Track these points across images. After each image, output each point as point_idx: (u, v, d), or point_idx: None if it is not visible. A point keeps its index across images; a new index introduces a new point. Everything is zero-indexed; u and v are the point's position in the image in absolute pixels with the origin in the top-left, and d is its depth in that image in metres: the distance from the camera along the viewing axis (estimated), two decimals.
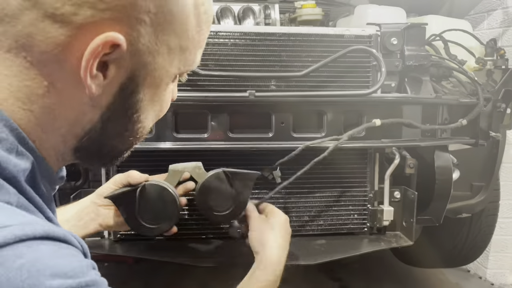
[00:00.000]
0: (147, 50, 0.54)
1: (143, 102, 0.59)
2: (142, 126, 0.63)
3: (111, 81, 0.54)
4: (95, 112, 0.56)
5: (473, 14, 2.41)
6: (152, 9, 0.52)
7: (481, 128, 1.45)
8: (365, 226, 1.48)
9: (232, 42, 1.33)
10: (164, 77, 0.59)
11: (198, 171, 1.14)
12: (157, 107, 0.63)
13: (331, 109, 1.31)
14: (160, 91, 0.61)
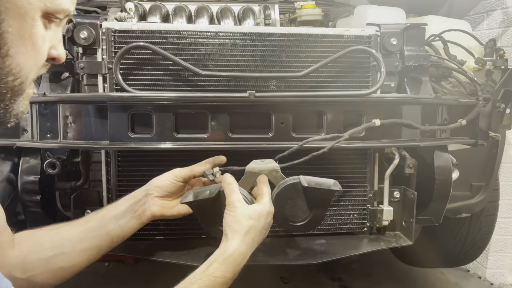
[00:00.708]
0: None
1: (9, 34, 0.63)
2: (14, 61, 0.65)
3: None
4: None
5: (473, 15, 2.41)
6: None
7: (481, 128, 1.45)
8: (365, 226, 1.48)
9: (232, 43, 1.33)
10: (27, 7, 0.63)
11: (275, 175, 1.12)
12: (29, 46, 0.66)
13: (330, 109, 1.31)
14: (27, 26, 0.64)
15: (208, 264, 0.94)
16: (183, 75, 1.32)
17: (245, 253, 0.99)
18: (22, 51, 0.65)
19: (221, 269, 0.93)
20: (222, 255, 0.96)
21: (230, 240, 0.98)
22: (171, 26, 1.39)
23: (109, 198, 1.36)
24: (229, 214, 1.01)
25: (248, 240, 0.99)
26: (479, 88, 1.44)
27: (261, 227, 1.02)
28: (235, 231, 0.99)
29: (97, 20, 1.28)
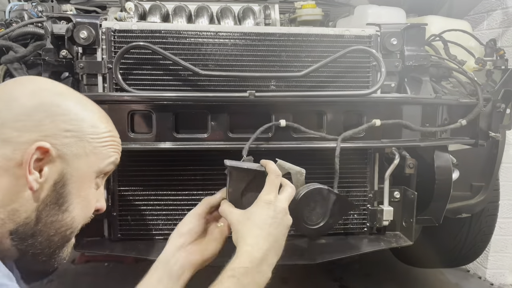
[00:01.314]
0: (71, 153, 0.81)
1: (71, 195, 0.82)
2: (71, 215, 0.83)
3: (46, 178, 0.78)
4: (31, 205, 0.78)
5: (473, 15, 2.41)
6: (71, 129, 0.82)
7: (481, 128, 1.45)
8: (365, 226, 1.48)
9: (232, 42, 1.33)
10: (86, 174, 0.84)
11: (299, 177, 1.11)
12: (84, 202, 0.85)
13: (331, 109, 1.31)
14: (85, 186, 0.84)
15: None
16: (183, 75, 1.32)
17: (258, 245, 0.93)
18: (78, 207, 0.84)
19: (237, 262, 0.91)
20: (236, 256, 0.92)
21: (240, 244, 0.94)
22: (171, 26, 1.39)
23: (109, 198, 1.36)
24: (232, 224, 0.98)
25: (257, 233, 0.95)
26: (480, 88, 1.44)
27: (264, 220, 0.96)
28: (239, 235, 0.96)
29: (97, 20, 1.28)
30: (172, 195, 1.37)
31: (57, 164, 0.79)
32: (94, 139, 0.85)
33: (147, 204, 1.38)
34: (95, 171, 0.86)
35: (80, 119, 0.84)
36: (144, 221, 1.39)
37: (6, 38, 1.39)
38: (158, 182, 1.36)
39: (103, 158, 0.87)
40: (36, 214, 0.78)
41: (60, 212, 0.81)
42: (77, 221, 0.85)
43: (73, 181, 0.81)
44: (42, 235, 0.80)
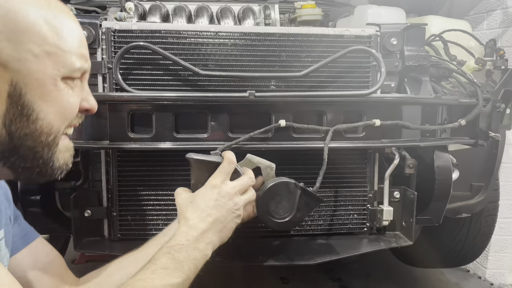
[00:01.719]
0: (13, 59, 0.70)
1: (35, 103, 0.73)
2: (44, 122, 0.75)
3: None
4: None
5: (473, 15, 2.41)
6: (2, 29, 0.69)
7: (481, 128, 1.45)
8: (365, 226, 1.48)
9: (232, 42, 1.33)
10: (43, 78, 0.73)
11: (269, 171, 1.14)
12: (56, 105, 0.76)
13: (331, 109, 1.31)
14: (48, 91, 0.74)
15: None
16: (183, 75, 1.32)
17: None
18: (51, 111, 0.75)
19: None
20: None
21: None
22: (171, 26, 1.38)
23: (109, 198, 1.36)
24: None
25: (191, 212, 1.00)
26: (479, 89, 1.43)
27: (205, 201, 1.00)
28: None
29: (96, 20, 1.28)
30: (172, 195, 1.36)
31: (3, 74, 0.70)
32: (39, 35, 0.73)
33: (147, 204, 1.38)
34: (55, 75, 0.75)
35: (13, 14, 0.71)
36: (144, 221, 1.39)
37: None
38: (158, 182, 1.36)
39: (63, 62, 0.76)
40: (6, 130, 0.73)
41: (31, 122, 0.74)
42: (55, 126, 0.78)
43: (30, 88, 0.72)
44: (23, 147, 0.75)
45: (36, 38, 0.72)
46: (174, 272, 0.86)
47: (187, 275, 0.88)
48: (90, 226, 1.38)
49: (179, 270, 0.87)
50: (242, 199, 1.03)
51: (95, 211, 1.36)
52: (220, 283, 1.02)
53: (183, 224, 0.96)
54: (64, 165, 0.83)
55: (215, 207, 0.98)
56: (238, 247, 1.10)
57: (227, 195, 1.00)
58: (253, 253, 1.36)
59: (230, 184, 1.02)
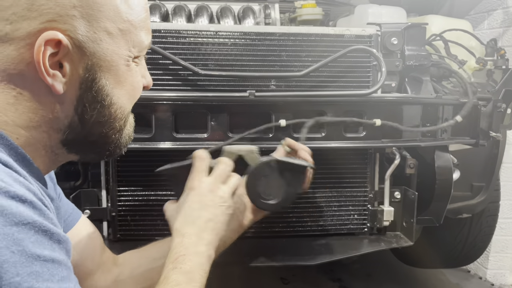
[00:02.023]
0: (89, 39, 0.64)
1: (108, 86, 0.69)
2: (117, 107, 0.72)
3: (70, 76, 0.64)
4: (68, 108, 0.67)
5: (474, 14, 2.41)
6: (77, 3, 0.62)
7: (482, 128, 1.45)
8: (365, 226, 1.48)
9: (232, 42, 1.33)
10: (117, 59, 0.69)
11: (251, 155, 1.10)
12: (127, 87, 0.72)
13: (331, 109, 1.31)
14: (121, 72, 0.70)
15: None
16: (182, 74, 1.31)
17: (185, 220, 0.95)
18: (123, 94, 0.72)
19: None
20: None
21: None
22: (170, 26, 1.38)
23: (109, 198, 1.36)
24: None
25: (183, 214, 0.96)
26: (469, 86, 1.42)
27: (194, 202, 0.96)
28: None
29: None
30: (173, 195, 1.36)
31: (78, 56, 0.64)
32: (114, 11, 0.67)
33: (147, 204, 1.37)
34: (127, 55, 0.71)
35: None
36: (144, 221, 1.38)
37: None
38: (158, 182, 1.36)
39: (134, 40, 0.71)
40: (78, 117, 0.68)
41: (105, 108, 0.70)
42: (127, 109, 0.76)
43: (103, 71, 0.68)
44: (95, 135, 0.71)
45: (111, 14, 0.66)
46: (187, 285, 0.83)
47: (200, 283, 0.86)
48: None
49: (192, 281, 0.85)
50: (226, 188, 0.98)
51: (94, 211, 1.35)
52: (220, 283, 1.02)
53: (176, 236, 0.93)
54: (128, 140, 0.81)
55: (201, 208, 0.94)
56: (238, 248, 1.09)
57: (208, 192, 0.95)
58: (253, 253, 1.36)
59: (208, 179, 0.97)
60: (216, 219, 0.94)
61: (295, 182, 1.12)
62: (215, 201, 0.95)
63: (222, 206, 0.95)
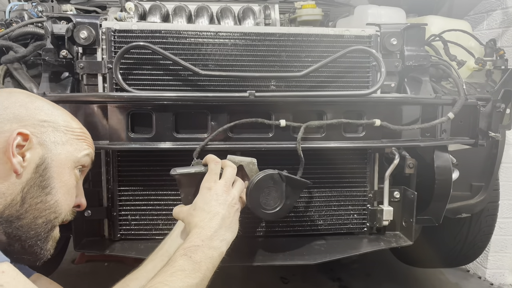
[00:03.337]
0: (50, 142, 0.91)
1: (53, 179, 0.90)
2: (56, 199, 0.90)
3: (29, 162, 0.87)
4: (16, 187, 0.85)
5: (473, 15, 2.41)
6: (45, 118, 0.92)
7: (481, 128, 1.45)
8: (365, 226, 1.48)
9: (232, 42, 1.33)
10: (65, 160, 0.93)
11: (251, 167, 1.18)
12: (66, 188, 0.93)
13: (331, 109, 1.31)
14: (65, 173, 0.93)
15: None
16: (183, 75, 1.32)
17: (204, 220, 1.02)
18: (61, 192, 0.91)
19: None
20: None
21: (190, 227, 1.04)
22: (171, 26, 1.38)
23: (109, 198, 1.36)
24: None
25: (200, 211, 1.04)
26: (460, 83, 1.41)
27: (208, 203, 1.05)
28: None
29: (97, 20, 1.28)
30: (172, 195, 1.37)
31: (38, 150, 0.88)
32: (69, 131, 0.95)
33: (147, 204, 1.38)
34: (73, 160, 0.95)
35: (54, 113, 0.95)
36: (144, 221, 1.39)
37: (6, 38, 1.40)
38: (158, 182, 1.36)
39: (79, 150, 0.97)
40: (21, 196, 0.85)
41: (44, 194, 0.88)
42: (60, 206, 0.91)
43: (53, 165, 0.90)
44: (28, 217, 0.86)
45: (68, 129, 0.95)
46: (192, 273, 0.90)
47: (204, 275, 0.92)
48: (90, 226, 1.38)
49: (197, 271, 0.91)
50: (236, 191, 1.08)
51: (95, 211, 1.36)
52: (220, 283, 1.02)
53: (194, 227, 1.00)
54: (49, 252, 0.92)
55: (218, 205, 1.02)
56: (238, 247, 1.10)
57: (224, 192, 1.05)
58: (253, 253, 1.36)
59: (221, 181, 1.07)
60: (231, 217, 1.03)
61: (294, 195, 1.22)
62: (228, 201, 1.05)
63: (234, 206, 1.06)
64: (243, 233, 1.10)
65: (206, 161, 1.12)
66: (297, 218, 1.44)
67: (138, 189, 1.37)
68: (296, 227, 1.45)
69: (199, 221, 1.00)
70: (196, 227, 0.99)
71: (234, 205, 1.05)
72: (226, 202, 1.04)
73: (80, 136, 0.99)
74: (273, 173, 1.17)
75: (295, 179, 1.20)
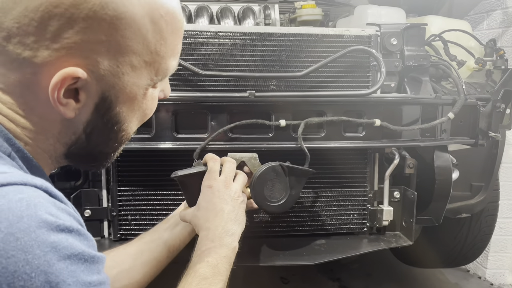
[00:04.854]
0: (110, 73, 0.63)
1: (121, 115, 0.69)
2: (125, 133, 0.73)
3: (84, 103, 0.63)
4: (77, 127, 0.66)
5: (473, 15, 2.41)
6: (104, 38, 0.60)
7: (481, 128, 1.45)
8: (365, 226, 1.48)
9: (232, 42, 1.33)
10: (136, 91, 0.68)
11: (253, 162, 1.18)
12: (139, 113, 0.73)
13: (331, 109, 1.31)
14: (137, 102, 0.70)
15: None
16: (183, 75, 1.32)
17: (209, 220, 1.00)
18: (133, 120, 0.73)
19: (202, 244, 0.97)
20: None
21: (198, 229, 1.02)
22: None
23: (109, 198, 1.36)
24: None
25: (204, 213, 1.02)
26: (459, 83, 1.42)
27: (211, 201, 1.02)
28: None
29: None
30: (172, 195, 1.37)
31: (96, 87, 0.63)
32: (142, 43, 0.64)
33: (147, 204, 1.38)
34: (148, 84, 0.69)
35: (119, 20, 0.60)
36: (144, 221, 1.39)
37: None
38: (158, 182, 1.36)
39: (160, 63, 0.69)
40: (85, 136, 0.67)
41: (113, 132, 0.70)
42: (134, 130, 0.75)
43: (120, 101, 0.67)
44: (98, 152, 0.73)
45: (139, 47, 0.64)
46: (214, 278, 0.88)
47: (225, 275, 0.91)
48: (90, 226, 1.38)
49: (218, 274, 0.89)
50: (237, 185, 1.07)
51: (95, 211, 1.36)
52: None
53: (201, 229, 0.99)
54: (112, 161, 0.80)
55: (220, 202, 1.01)
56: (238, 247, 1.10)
57: (225, 187, 1.04)
58: (253, 253, 1.36)
59: (221, 177, 1.05)
60: (236, 210, 1.02)
61: (298, 185, 1.21)
62: (231, 195, 1.03)
63: (237, 199, 1.04)
64: (242, 233, 1.10)
65: (205, 160, 1.12)
66: (297, 218, 1.44)
67: (138, 189, 1.37)
68: (296, 227, 1.45)
69: (204, 222, 0.99)
70: (203, 229, 0.98)
71: (237, 198, 1.04)
72: (228, 197, 1.02)
73: (165, 44, 0.68)
74: (274, 165, 1.17)
75: (297, 168, 1.20)
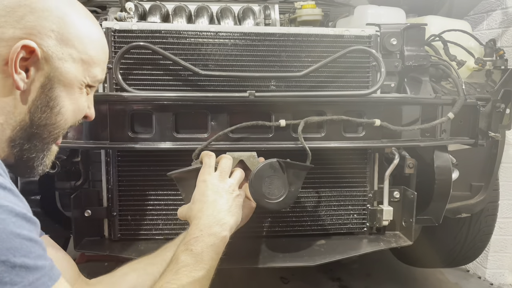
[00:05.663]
0: (56, 57, 0.81)
1: (61, 98, 0.83)
2: (62, 117, 0.85)
3: (32, 80, 0.79)
4: (23, 106, 0.79)
5: (473, 15, 2.41)
6: (55, 29, 0.80)
7: (481, 128, 1.45)
8: (365, 226, 1.48)
9: (232, 43, 1.33)
10: (74, 80, 0.85)
11: (252, 160, 1.17)
12: (74, 106, 0.87)
13: (330, 109, 1.31)
14: (74, 91, 0.85)
15: None
16: (183, 75, 1.32)
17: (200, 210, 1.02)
18: (70, 109, 0.86)
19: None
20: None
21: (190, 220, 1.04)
22: (171, 26, 1.38)
23: (109, 198, 1.36)
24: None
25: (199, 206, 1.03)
26: (459, 83, 1.42)
27: (205, 195, 1.04)
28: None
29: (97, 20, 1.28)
30: (172, 195, 1.37)
31: (43, 66, 0.80)
32: (81, 44, 0.84)
33: (147, 204, 1.38)
34: (83, 81, 0.86)
35: (67, 20, 0.82)
36: (144, 221, 1.39)
37: None
38: (158, 182, 1.36)
39: (91, 66, 0.87)
40: (29, 116, 0.80)
41: (53, 114, 0.83)
42: (68, 123, 0.87)
43: (61, 85, 0.82)
44: (37, 138, 0.83)
45: (80, 46, 0.84)
46: (195, 266, 0.90)
47: (210, 264, 0.92)
48: (90, 226, 1.38)
49: (200, 262, 0.91)
50: (232, 180, 1.08)
51: (95, 211, 1.36)
52: (219, 283, 1.02)
53: (193, 219, 1.00)
54: (46, 167, 0.89)
55: (213, 194, 1.02)
56: (237, 248, 1.10)
57: (219, 181, 1.05)
58: (252, 254, 1.36)
59: (216, 172, 1.07)
60: (230, 202, 1.03)
61: (298, 182, 1.19)
62: (225, 188, 1.05)
63: (232, 193, 1.05)
64: (242, 234, 1.10)
65: (201, 158, 1.13)
66: (297, 218, 1.44)
67: (138, 189, 1.37)
68: (296, 227, 1.45)
69: (197, 212, 1.00)
70: (195, 218, 0.99)
71: (232, 191, 1.05)
72: (222, 190, 1.03)
73: (96, 49, 0.88)
74: (272, 161, 1.15)
75: (295, 164, 1.19)
